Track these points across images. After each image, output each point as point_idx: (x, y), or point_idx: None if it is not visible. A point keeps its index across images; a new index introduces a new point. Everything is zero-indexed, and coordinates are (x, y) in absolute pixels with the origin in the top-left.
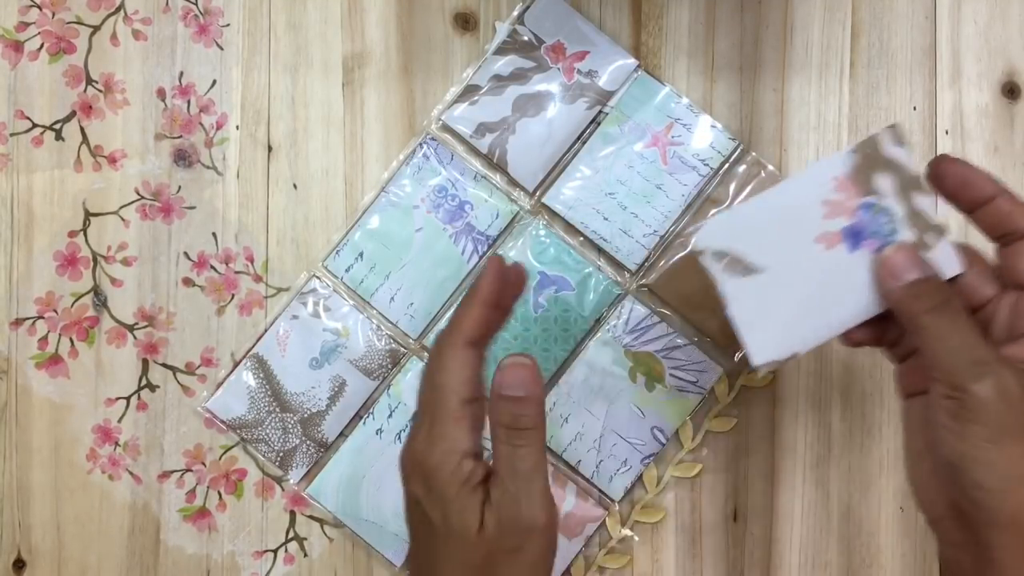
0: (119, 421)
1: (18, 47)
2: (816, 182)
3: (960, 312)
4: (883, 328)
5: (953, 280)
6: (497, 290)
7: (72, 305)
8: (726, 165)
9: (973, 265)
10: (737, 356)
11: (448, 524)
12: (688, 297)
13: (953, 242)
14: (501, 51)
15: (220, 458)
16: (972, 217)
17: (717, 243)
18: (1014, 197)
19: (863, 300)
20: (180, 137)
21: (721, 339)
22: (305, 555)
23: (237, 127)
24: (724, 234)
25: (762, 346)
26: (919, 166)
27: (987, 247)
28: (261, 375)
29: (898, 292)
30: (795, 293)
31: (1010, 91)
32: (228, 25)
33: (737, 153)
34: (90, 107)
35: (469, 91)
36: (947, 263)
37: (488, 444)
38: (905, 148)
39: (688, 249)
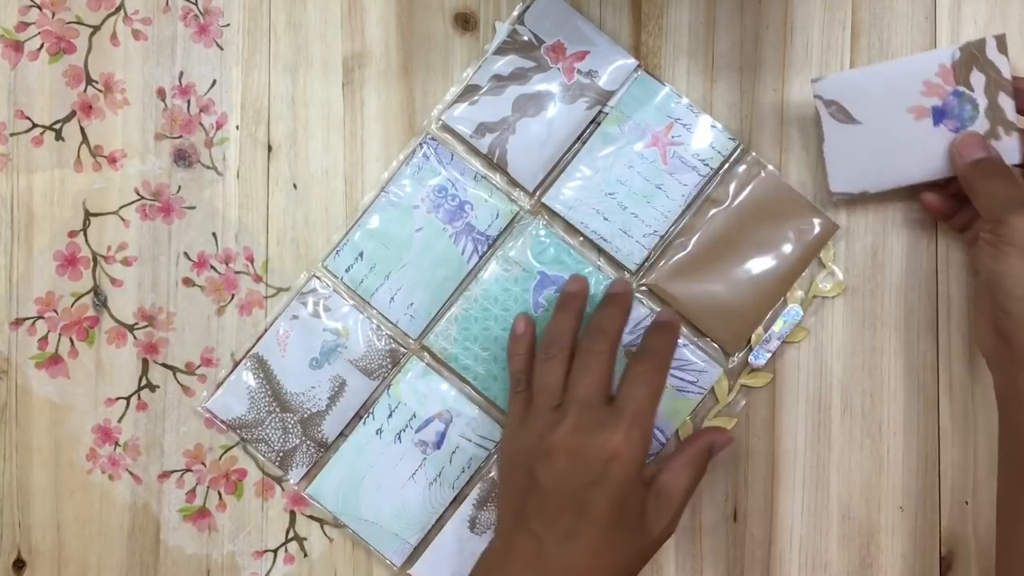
0: (119, 421)
1: (18, 47)
2: (923, 65)
3: (1008, 176)
4: (949, 203)
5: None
6: None
7: (72, 305)
8: (726, 165)
9: None
10: (737, 356)
11: (621, 506)
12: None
13: (1020, 137)
14: (501, 51)
15: (220, 458)
16: None
17: (830, 93)
18: None
19: (932, 165)
20: (180, 137)
21: (722, 339)
22: (305, 555)
23: (237, 127)
24: (838, 88)
25: (841, 178)
26: (1009, 75)
27: None
28: (261, 375)
29: (964, 165)
30: (879, 146)
31: None
32: (228, 25)
33: (737, 153)
34: (90, 107)
35: (469, 91)
36: (1011, 152)
37: None
38: (1004, 58)
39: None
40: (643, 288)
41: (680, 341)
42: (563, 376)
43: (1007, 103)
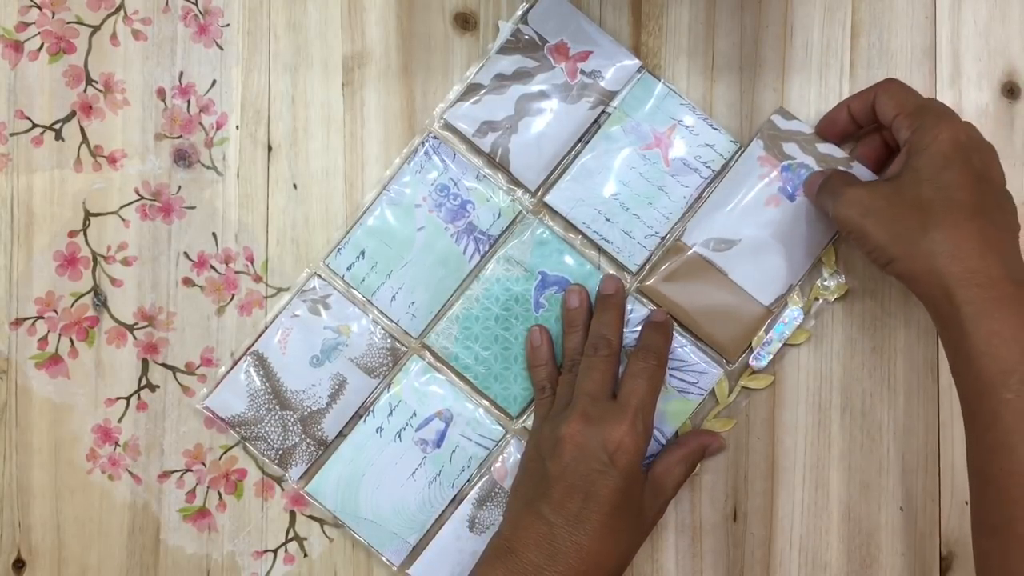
0: (119, 421)
1: (18, 47)
2: (745, 167)
3: (836, 176)
4: None
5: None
6: None
7: (72, 305)
8: (727, 166)
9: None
10: (738, 359)
11: (624, 493)
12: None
13: (860, 162)
14: (504, 50)
15: (220, 458)
16: (863, 133)
17: (701, 236)
18: (858, 98)
19: (820, 230)
20: (180, 137)
21: (720, 344)
22: (305, 555)
23: (237, 127)
24: (702, 228)
25: (764, 290)
26: (810, 129)
27: None
28: (261, 372)
29: (818, 198)
30: (771, 245)
31: (1010, 91)
32: (228, 25)
33: (738, 155)
34: (90, 107)
35: (472, 90)
36: (864, 176)
37: None
38: (795, 120)
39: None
40: (642, 292)
41: (681, 342)
42: None
43: (828, 148)
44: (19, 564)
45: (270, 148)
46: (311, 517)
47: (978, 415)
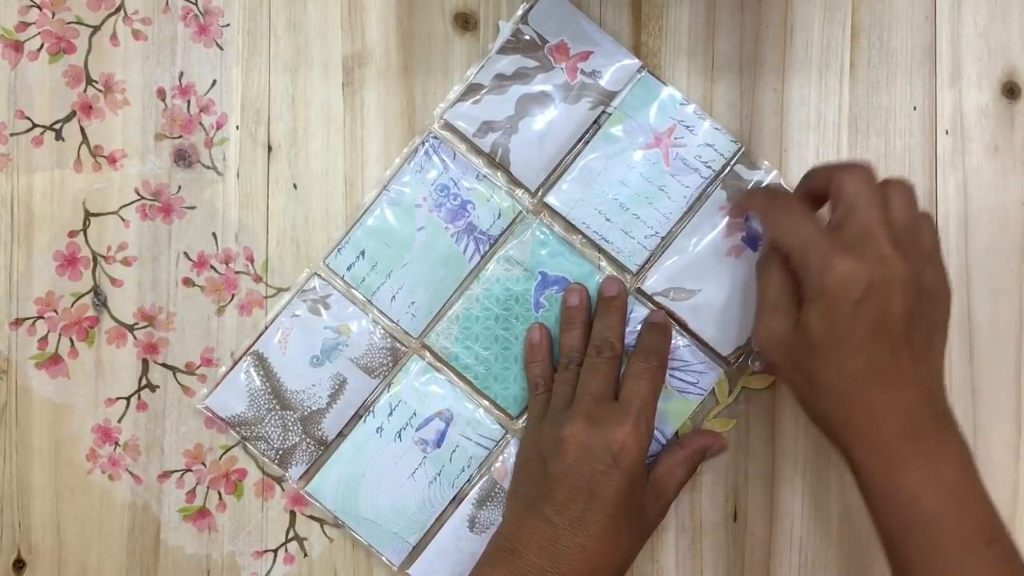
0: (119, 421)
1: (18, 47)
2: (708, 216)
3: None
4: None
5: None
6: None
7: (72, 305)
8: (728, 167)
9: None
10: (738, 359)
11: (627, 494)
12: None
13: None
14: (504, 50)
15: (220, 458)
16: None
17: (661, 286)
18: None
19: None
20: (180, 137)
21: (721, 346)
22: (305, 555)
23: (237, 127)
24: (663, 277)
25: (725, 341)
26: (774, 178)
27: None
28: (261, 372)
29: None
30: (731, 295)
31: (1010, 91)
32: (228, 25)
33: (739, 155)
34: (90, 107)
35: (472, 90)
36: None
37: None
38: (758, 169)
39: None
40: (642, 292)
41: (682, 342)
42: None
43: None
44: (19, 564)
45: (270, 148)
46: (311, 517)
47: (893, 563)
